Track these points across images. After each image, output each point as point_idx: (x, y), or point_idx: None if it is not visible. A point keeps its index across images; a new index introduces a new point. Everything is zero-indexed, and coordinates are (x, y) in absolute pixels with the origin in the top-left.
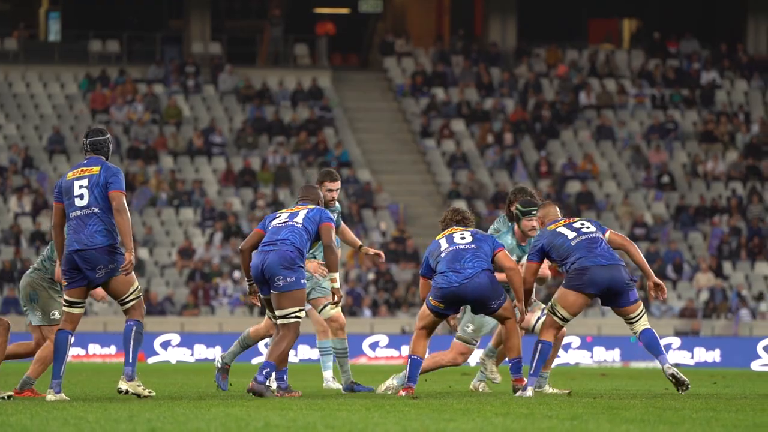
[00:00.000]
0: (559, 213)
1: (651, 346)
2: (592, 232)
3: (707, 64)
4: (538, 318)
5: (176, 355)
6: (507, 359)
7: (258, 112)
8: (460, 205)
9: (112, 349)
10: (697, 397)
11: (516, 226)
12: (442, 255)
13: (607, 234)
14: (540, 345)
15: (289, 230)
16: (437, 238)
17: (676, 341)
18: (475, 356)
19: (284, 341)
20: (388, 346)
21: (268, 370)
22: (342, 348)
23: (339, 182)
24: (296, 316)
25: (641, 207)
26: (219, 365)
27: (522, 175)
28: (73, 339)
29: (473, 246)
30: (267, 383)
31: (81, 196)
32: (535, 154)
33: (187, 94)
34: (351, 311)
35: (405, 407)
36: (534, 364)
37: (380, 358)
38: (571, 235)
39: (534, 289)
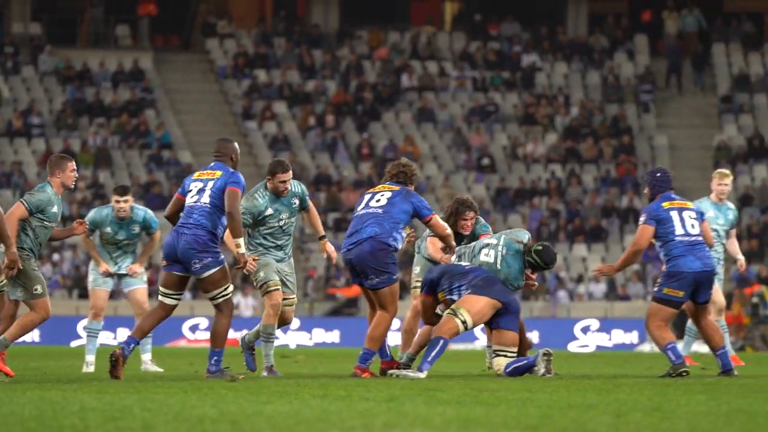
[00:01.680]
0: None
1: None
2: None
3: (528, 47)
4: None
5: None
6: (364, 348)
7: (79, 94)
8: None
9: None
10: (513, 379)
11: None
12: (354, 217)
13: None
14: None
15: (199, 212)
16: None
17: None
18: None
19: (221, 321)
20: (208, 329)
21: (217, 358)
22: (268, 333)
23: (290, 172)
24: (223, 295)
25: (461, 189)
26: (244, 347)
27: (344, 158)
28: None
29: (380, 210)
30: (221, 369)
31: None
32: (356, 136)
33: (6, 74)
34: None
35: (223, 390)
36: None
37: (200, 340)
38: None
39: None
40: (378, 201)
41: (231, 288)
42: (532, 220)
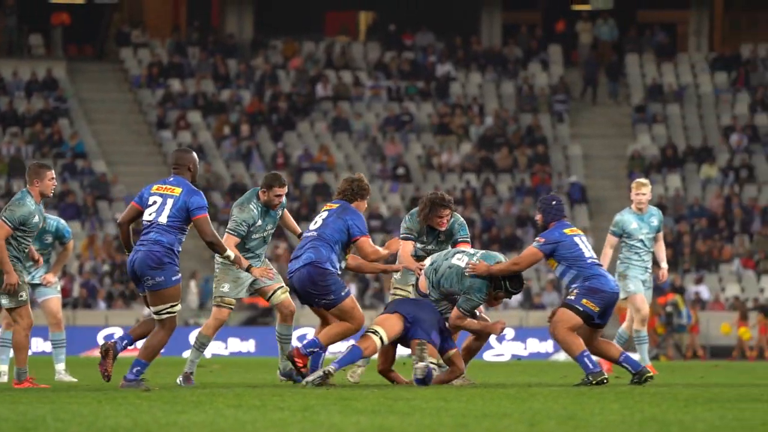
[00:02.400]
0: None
1: None
2: None
3: (442, 57)
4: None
5: None
6: (312, 340)
7: None
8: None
9: None
10: (427, 388)
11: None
12: None
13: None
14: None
15: (157, 230)
16: None
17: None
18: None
19: (158, 336)
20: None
21: (139, 368)
22: (287, 334)
23: (286, 187)
24: (168, 313)
25: (377, 198)
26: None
27: (259, 167)
28: None
29: (315, 234)
30: (139, 379)
31: None
32: (271, 146)
33: None
34: (86, 303)
35: (137, 399)
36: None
37: None
38: None
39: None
40: (316, 223)
41: (178, 307)
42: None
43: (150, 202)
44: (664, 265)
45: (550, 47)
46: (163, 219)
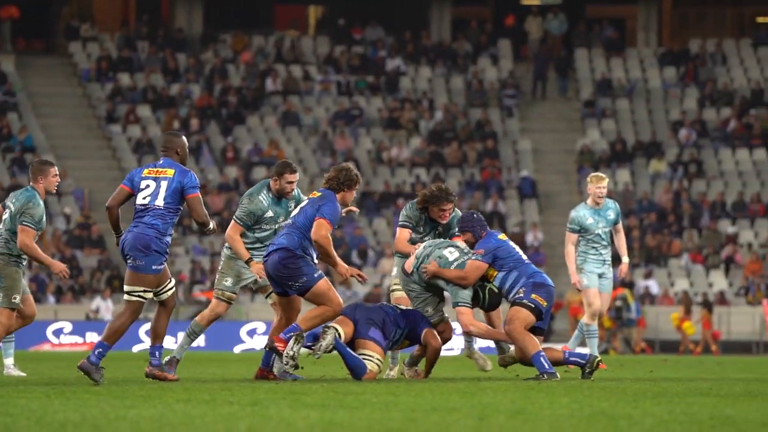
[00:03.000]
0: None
1: None
2: None
3: (392, 51)
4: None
5: None
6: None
7: None
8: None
9: None
10: (378, 383)
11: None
12: None
13: None
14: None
15: (152, 215)
16: None
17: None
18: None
19: (121, 319)
20: (72, 333)
21: (101, 350)
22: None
23: (297, 173)
24: (139, 296)
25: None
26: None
27: (208, 161)
28: None
29: (290, 221)
30: (99, 364)
31: None
32: (221, 140)
33: None
34: (36, 297)
35: (86, 394)
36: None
37: (64, 345)
38: None
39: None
40: (295, 212)
41: (149, 295)
42: (396, 225)
43: (142, 186)
44: (625, 259)
45: (499, 42)
46: (159, 202)
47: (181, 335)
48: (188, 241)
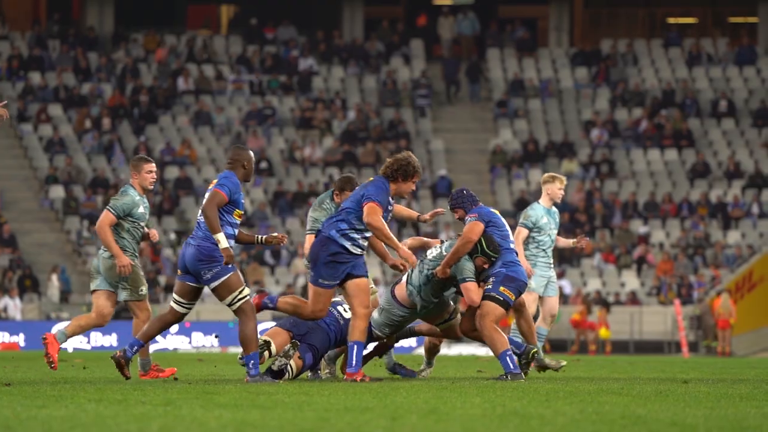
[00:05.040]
0: None
1: None
2: None
3: (304, 51)
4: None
5: None
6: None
7: None
8: (57, 190)
9: None
10: (291, 383)
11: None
12: None
13: None
14: None
15: (205, 227)
16: None
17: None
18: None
19: (247, 326)
20: None
21: (254, 361)
22: None
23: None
24: (239, 299)
25: None
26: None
27: (120, 160)
28: None
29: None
30: (260, 372)
31: None
32: (133, 140)
33: None
34: None
35: None
36: None
37: None
38: None
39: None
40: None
41: (246, 291)
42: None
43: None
44: (572, 240)
45: (411, 42)
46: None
47: (95, 335)
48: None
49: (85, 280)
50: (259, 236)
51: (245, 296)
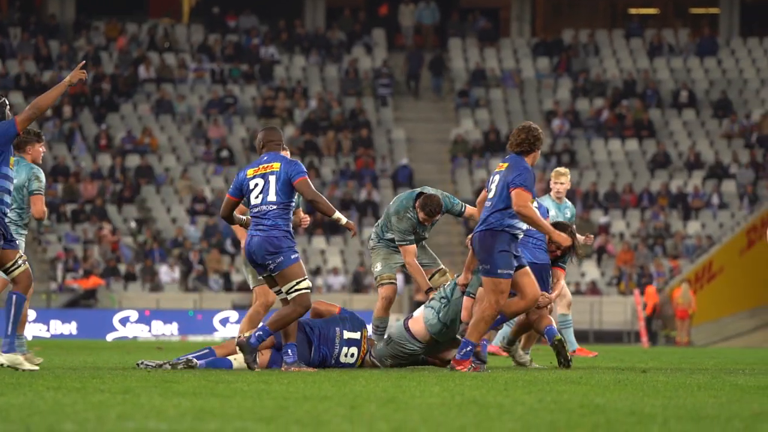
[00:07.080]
0: None
1: None
2: None
3: (266, 40)
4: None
5: None
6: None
7: None
8: None
9: None
10: (250, 372)
11: None
12: None
13: None
14: None
15: (272, 214)
16: None
17: (234, 315)
18: None
19: (287, 310)
20: None
21: (261, 333)
22: (376, 326)
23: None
24: (296, 290)
25: (201, 181)
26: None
27: (81, 148)
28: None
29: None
30: (256, 345)
31: None
32: (94, 128)
33: None
34: None
35: None
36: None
37: None
38: None
39: None
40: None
41: (306, 283)
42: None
43: (251, 186)
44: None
45: (373, 31)
46: (272, 198)
47: (54, 323)
48: (61, 228)
49: (45, 269)
50: None
51: (303, 289)
